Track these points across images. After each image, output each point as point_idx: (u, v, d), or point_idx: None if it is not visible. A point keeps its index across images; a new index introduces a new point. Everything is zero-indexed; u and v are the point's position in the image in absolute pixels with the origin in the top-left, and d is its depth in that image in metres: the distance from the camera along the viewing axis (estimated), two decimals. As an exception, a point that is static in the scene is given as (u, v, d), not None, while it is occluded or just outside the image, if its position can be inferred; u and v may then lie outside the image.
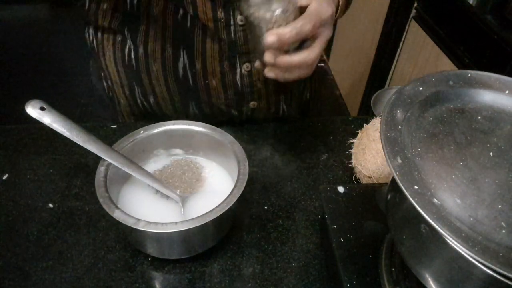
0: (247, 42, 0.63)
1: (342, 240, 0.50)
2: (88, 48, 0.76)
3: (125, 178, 0.58)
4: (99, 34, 0.71)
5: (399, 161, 0.33)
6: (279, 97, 0.75)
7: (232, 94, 0.69)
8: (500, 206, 0.31)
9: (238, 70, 0.66)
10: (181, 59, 0.66)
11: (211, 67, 0.66)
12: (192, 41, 0.63)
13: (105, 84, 0.77)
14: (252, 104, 0.72)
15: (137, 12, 0.63)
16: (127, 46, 0.68)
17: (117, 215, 0.47)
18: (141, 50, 0.67)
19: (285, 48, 0.49)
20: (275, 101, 0.75)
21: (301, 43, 0.50)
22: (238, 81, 0.68)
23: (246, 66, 0.66)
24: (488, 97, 0.40)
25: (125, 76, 0.71)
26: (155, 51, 0.66)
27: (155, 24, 0.64)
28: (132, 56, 0.68)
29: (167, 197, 0.56)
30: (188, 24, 0.62)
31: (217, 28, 0.61)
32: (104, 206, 0.48)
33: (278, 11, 0.47)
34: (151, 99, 0.72)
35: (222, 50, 0.64)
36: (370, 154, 0.61)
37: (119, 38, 0.68)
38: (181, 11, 0.61)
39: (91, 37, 0.73)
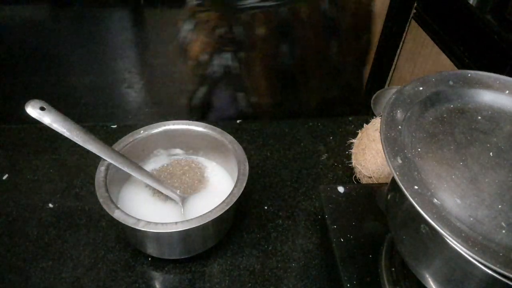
0: None
1: (342, 240, 0.50)
2: None
3: (125, 178, 0.58)
4: None
5: (399, 161, 0.33)
6: None
7: None
8: (500, 206, 0.31)
9: None
10: None
11: None
12: None
13: None
14: None
15: None
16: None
17: (117, 215, 0.47)
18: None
19: None
20: None
21: None
22: None
23: None
24: (488, 97, 0.40)
25: None
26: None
27: None
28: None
29: (167, 197, 0.56)
30: None
31: None
32: (104, 206, 0.48)
33: None
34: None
35: None
36: (370, 154, 0.61)
37: None
38: None
39: None
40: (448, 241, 0.28)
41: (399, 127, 0.36)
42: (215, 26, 0.74)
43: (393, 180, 0.38)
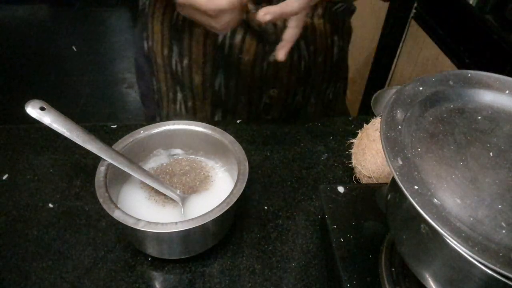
0: (276, 33, 0.68)
1: (342, 240, 0.50)
2: (138, 11, 0.82)
3: (125, 178, 0.58)
4: None
5: (399, 161, 0.33)
6: (298, 88, 0.79)
7: (258, 75, 0.73)
8: (500, 206, 0.31)
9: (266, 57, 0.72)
10: None
11: (248, 44, 0.69)
12: None
13: (146, 45, 0.80)
14: (272, 91, 0.76)
15: None
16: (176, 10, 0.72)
17: (117, 215, 0.47)
18: None
19: None
20: (293, 92, 0.78)
21: None
22: (264, 67, 0.72)
23: (273, 55, 0.69)
24: (488, 97, 0.40)
25: (168, 35, 0.75)
26: None
27: None
28: (180, 17, 0.72)
29: (167, 197, 0.56)
30: None
31: (247, 18, 0.65)
32: (104, 206, 0.48)
33: None
34: (185, 61, 0.75)
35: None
36: (370, 154, 0.61)
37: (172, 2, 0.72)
38: None
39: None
40: (448, 241, 0.28)
41: (399, 127, 0.36)
42: None
43: (393, 180, 0.38)
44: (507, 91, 0.40)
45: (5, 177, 0.64)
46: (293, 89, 0.78)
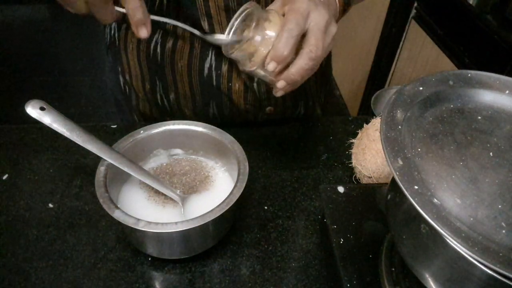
0: None
1: (342, 240, 0.50)
2: (106, 43, 0.75)
3: (125, 178, 0.58)
4: (123, 28, 0.70)
5: (399, 161, 0.33)
6: (297, 103, 0.76)
7: (252, 99, 0.71)
8: (500, 206, 0.31)
9: (255, 78, 0.68)
10: (209, 59, 0.66)
11: (237, 71, 0.66)
12: None
13: (121, 79, 0.75)
14: (268, 109, 0.74)
15: (167, 11, 0.63)
16: (154, 40, 0.67)
17: (117, 215, 0.47)
18: (168, 45, 0.66)
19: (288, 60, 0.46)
20: (292, 106, 0.76)
21: None
22: (256, 88, 0.69)
23: None
24: (488, 97, 0.40)
25: (147, 70, 0.70)
26: (183, 47, 0.66)
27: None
28: (158, 50, 0.67)
29: (167, 197, 0.56)
30: None
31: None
32: (104, 206, 0.48)
33: (257, 39, 0.46)
34: (172, 96, 0.72)
35: None
36: (370, 154, 0.61)
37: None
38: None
39: (112, 31, 0.72)
40: (448, 241, 0.28)
41: (399, 127, 0.36)
42: None
43: (393, 180, 0.38)
44: (507, 91, 0.40)
45: (5, 177, 0.64)
46: (290, 104, 0.75)
